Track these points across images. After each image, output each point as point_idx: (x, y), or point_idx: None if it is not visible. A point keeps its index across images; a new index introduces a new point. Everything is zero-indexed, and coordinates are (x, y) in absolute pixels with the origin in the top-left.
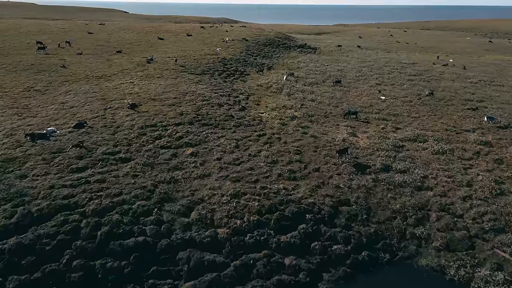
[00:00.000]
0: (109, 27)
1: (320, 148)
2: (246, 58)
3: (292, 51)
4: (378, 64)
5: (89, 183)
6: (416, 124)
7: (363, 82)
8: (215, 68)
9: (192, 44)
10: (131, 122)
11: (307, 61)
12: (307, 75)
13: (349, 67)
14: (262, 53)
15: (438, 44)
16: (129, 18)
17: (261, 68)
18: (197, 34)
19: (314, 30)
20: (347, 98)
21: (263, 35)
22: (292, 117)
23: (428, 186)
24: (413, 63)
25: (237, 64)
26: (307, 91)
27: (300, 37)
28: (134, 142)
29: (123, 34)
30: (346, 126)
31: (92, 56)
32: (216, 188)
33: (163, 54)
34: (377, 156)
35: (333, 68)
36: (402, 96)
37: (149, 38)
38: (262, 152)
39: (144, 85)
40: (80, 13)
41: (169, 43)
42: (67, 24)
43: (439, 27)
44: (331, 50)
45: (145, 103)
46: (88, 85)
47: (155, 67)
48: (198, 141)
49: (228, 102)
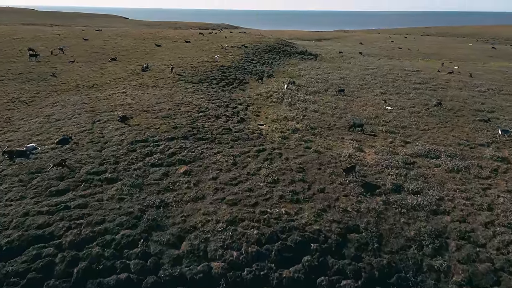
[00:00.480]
0: (106, 34)
1: (324, 165)
2: (246, 66)
3: (293, 58)
4: (382, 71)
5: (68, 209)
6: (426, 137)
7: (367, 91)
8: (213, 76)
9: (190, 51)
10: (120, 137)
11: (308, 69)
12: (308, 84)
13: (351, 75)
14: (262, 60)
15: (441, 51)
16: (129, 24)
17: (261, 76)
18: (196, 40)
19: (314, 36)
20: (351, 108)
21: (263, 41)
22: (294, 130)
23: (445, 209)
24: (417, 70)
25: (236, 72)
26: (309, 101)
27: (300, 43)
28: (122, 160)
29: (120, 40)
30: (351, 139)
31: (85, 64)
32: (210, 213)
33: (160, 62)
34: (386, 174)
35: (335, 76)
36: (409, 106)
37: (146, 45)
38: (262, 170)
39: (137, 95)
40: (79, 19)
41: (166, 50)
42: (63, 30)
43: (440, 33)
44: (333, 57)
45: (136, 116)
46: (77, 95)
47: (150, 76)
48: (193, 157)
49: (226, 113)
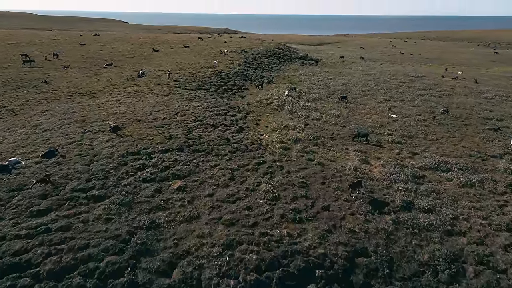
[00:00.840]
0: (104, 38)
1: (328, 179)
2: (245, 71)
3: (293, 63)
4: (384, 77)
5: (49, 232)
6: (434, 148)
7: (371, 97)
8: (212, 83)
9: (188, 56)
10: (111, 149)
11: (309, 74)
12: (310, 90)
13: (354, 81)
14: (261, 65)
15: (443, 55)
16: (128, 28)
17: (260, 82)
18: (195, 45)
19: (314, 41)
20: (354, 116)
21: (262, 46)
22: (296, 140)
23: (460, 230)
24: (420, 76)
25: (235, 77)
26: (311, 108)
27: (301, 48)
28: (111, 175)
29: (117, 45)
30: (356, 150)
31: (79, 70)
32: (205, 236)
33: (157, 68)
34: (395, 189)
35: (337, 82)
36: (414, 114)
37: (143, 50)
38: (262, 186)
39: (132, 103)
40: (78, 23)
41: (164, 55)
42: (60, 35)
43: (440, 37)
44: (334, 62)
45: (129, 125)
46: (68, 103)
47: (146, 82)
48: (187, 172)
49: (224, 122)
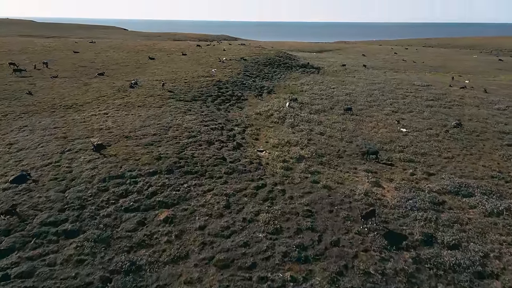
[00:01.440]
0: (99, 46)
1: (337, 206)
2: (244, 80)
3: (294, 71)
4: (389, 86)
5: (7, 280)
6: (451, 167)
7: (377, 109)
8: (209, 93)
9: (185, 65)
10: (91, 171)
11: (311, 83)
12: (312, 101)
13: (358, 90)
14: (261, 74)
15: (447, 63)
16: (127, 36)
17: (260, 92)
18: (192, 53)
19: (315, 48)
20: (361, 130)
21: (262, 54)
22: (299, 158)
23: (492, 271)
24: (427, 85)
25: (233, 87)
26: (314, 121)
27: (301, 56)
28: (89, 203)
29: (112, 53)
30: (365, 171)
31: (68, 80)
32: (194, 281)
33: (151, 77)
34: (413, 219)
35: (340, 92)
36: (425, 128)
37: (139, 58)
38: (261, 215)
39: (120, 117)
40: (77, 30)
41: (160, 64)
42: (55, 42)
43: (441, 44)
44: (336, 70)
45: (115, 143)
46: (51, 117)
47: (138, 93)
48: (177, 198)
49: (221, 137)
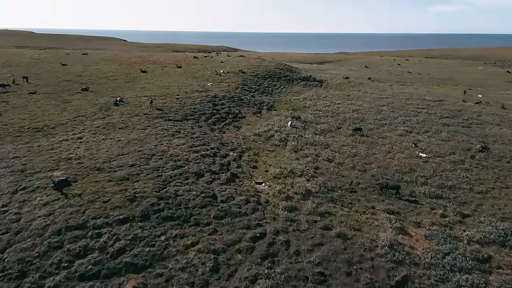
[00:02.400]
0: (91, 58)
1: (356, 265)
2: (242, 95)
3: (296, 84)
4: (399, 101)
5: None
6: (488, 206)
7: (389, 128)
8: (202, 111)
9: (179, 78)
10: (45, 220)
11: (314, 98)
12: (316, 118)
13: (365, 106)
14: (261, 88)
15: (453, 75)
16: (126, 46)
17: (259, 109)
18: (188, 65)
19: (316, 59)
20: (375, 155)
21: (262, 66)
22: (305, 194)
23: None
24: (439, 100)
25: (230, 103)
26: (320, 144)
27: (302, 67)
28: (33, 269)
29: (103, 66)
30: (386, 211)
31: (47, 96)
32: None
33: (140, 92)
34: (455, 284)
35: (346, 108)
36: (448, 153)
37: (130, 71)
38: (259, 283)
39: (96, 142)
40: (77, 41)
41: (152, 77)
42: (45, 54)
43: (443, 55)
44: (339, 83)
45: (83, 178)
46: (13, 144)
47: (122, 112)
48: (150, 258)
49: (212, 167)
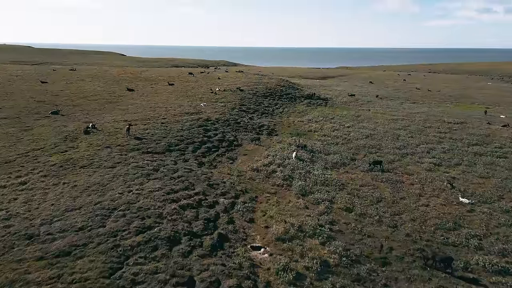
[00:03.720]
0: (78, 74)
1: None
2: (239, 118)
3: (299, 103)
4: (416, 124)
5: None
6: None
7: (413, 160)
8: (191, 139)
9: (169, 98)
10: None
11: (320, 120)
12: (325, 147)
13: (380, 130)
14: (260, 108)
15: (466, 92)
16: (124, 61)
17: (258, 134)
18: (182, 82)
19: (317, 74)
20: (404, 201)
21: (262, 83)
22: (320, 269)
23: None
24: (460, 122)
25: (224, 128)
26: (334, 184)
27: (304, 83)
28: None
29: (87, 83)
30: None
31: (7, 122)
32: None
33: (120, 115)
34: None
35: (358, 133)
36: (495, 197)
37: (115, 89)
38: None
39: (42, 190)
40: (73, 55)
41: (138, 97)
42: (30, 70)
43: (446, 70)
44: (346, 102)
45: (3, 254)
46: None
47: (91, 142)
48: None
49: (193, 226)
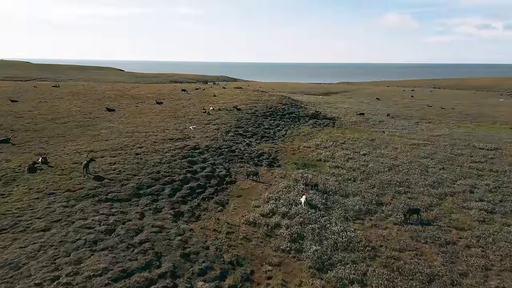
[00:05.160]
0: (58, 91)
1: None
2: (234, 144)
3: (303, 123)
4: (442, 150)
5: None
6: None
7: (455, 204)
8: (169, 176)
9: (153, 119)
10: None
11: (329, 145)
12: (341, 185)
13: (403, 160)
14: (260, 130)
15: (481, 110)
16: (121, 77)
17: (257, 164)
18: (172, 100)
19: (320, 90)
20: (468, 283)
21: (262, 100)
22: None
23: None
24: (494, 148)
25: (215, 158)
26: (361, 249)
27: (307, 100)
28: None
29: (63, 102)
30: None
31: None
32: None
33: (86, 144)
34: None
35: (378, 163)
36: None
37: (93, 109)
38: None
39: None
40: (70, 71)
41: (117, 118)
42: (6, 87)
43: (450, 85)
44: (355, 121)
45: None
46: None
47: (30, 187)
48: None
49: None
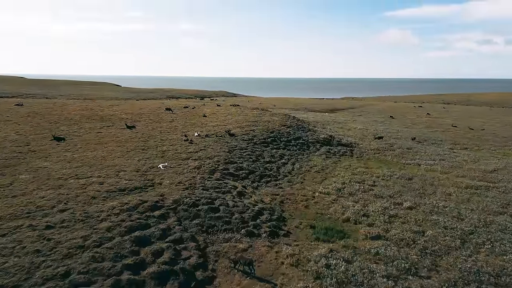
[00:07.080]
0: (16, 111)
1: None
2: (218, 196)
3: (314, 152)
4: None
5: None
6: None
7: None
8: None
9: (111, 153)
10: None
11: (356, 190)
12: (396, 279)
13: (474, 222)
14: (258, 166)
15: None
16: (117, 92)
17: (252, 237)
18: (150, 123)
19: (324, 106)
20: None
21: (262, 122)
22: None
23: None
24: None
25: (185, 224)
26: None
27: (314, 119)
28: None
29: (8, 126)
30: None
31: None
32: None
33: None
34: None
35: (438, 228)
36: None
37: (35, 137)
38: None
39: None
40: (63, 86)
41: (60, 152)
42: None
43: (461, 101)
44: (377, 149)
45: None
46: None
47: None
48: None
49: None
